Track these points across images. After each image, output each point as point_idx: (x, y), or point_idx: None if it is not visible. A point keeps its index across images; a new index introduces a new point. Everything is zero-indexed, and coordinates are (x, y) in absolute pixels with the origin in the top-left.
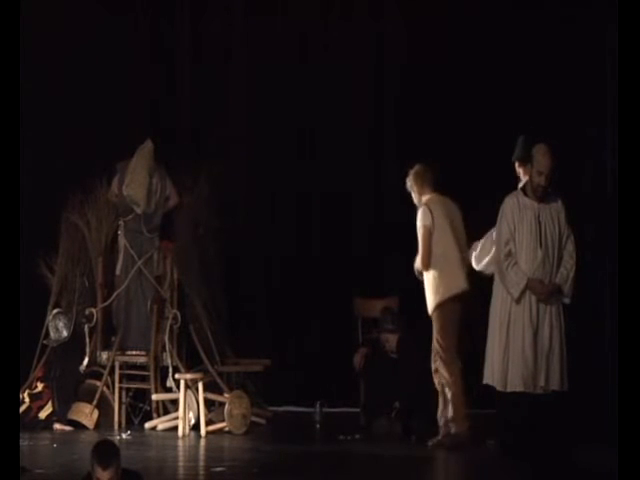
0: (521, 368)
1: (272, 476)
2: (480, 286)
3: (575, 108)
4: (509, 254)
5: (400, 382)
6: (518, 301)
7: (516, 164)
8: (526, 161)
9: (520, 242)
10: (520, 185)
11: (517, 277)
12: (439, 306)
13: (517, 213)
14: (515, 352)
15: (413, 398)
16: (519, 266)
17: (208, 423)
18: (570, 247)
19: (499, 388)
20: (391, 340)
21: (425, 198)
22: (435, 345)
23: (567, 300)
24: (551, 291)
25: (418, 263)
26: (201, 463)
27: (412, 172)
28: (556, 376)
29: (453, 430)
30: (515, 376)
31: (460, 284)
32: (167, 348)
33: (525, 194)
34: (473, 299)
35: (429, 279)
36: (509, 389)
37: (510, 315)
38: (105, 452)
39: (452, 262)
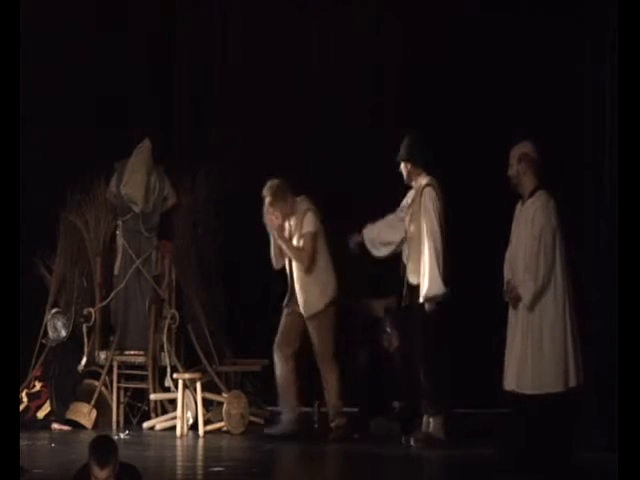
0: (518, 368)
1: (270, 476)
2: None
3: (574, 108)
4: None
5: (400, 382)
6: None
7: (402, 164)
8: (414, 161)
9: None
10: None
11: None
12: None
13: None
14: (513, 352)
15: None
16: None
17: (206, 423)
18: (534, 249)
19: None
20: (391, 340)
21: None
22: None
23: (527, 304)
24: (514, 297)
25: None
26: (199, 463)
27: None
28: (556, 376)
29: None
30: (512, 376)
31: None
32: (165, 348)
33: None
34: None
35: (311, 281)
36: (506, 389)
37: (509, 316)
38: (103, 449)
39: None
